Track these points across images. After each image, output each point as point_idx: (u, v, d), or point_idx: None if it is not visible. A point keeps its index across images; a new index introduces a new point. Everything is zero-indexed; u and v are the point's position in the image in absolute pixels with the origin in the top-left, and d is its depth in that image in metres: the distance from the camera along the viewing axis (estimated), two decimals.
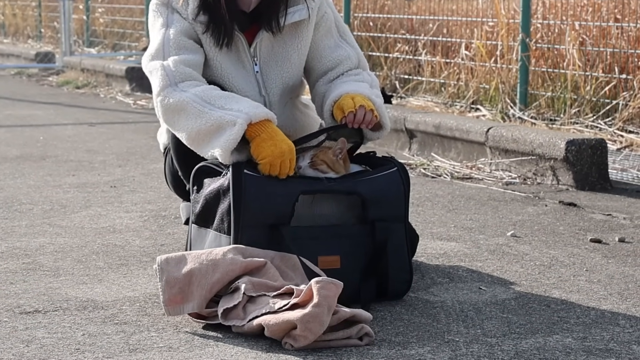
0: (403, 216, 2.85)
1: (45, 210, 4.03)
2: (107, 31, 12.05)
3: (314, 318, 2.36)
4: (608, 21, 5.89)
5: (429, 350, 2.42)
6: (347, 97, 2.94)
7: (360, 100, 2.91)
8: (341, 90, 3.00)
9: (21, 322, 2.62)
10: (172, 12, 3.00)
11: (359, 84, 3.05)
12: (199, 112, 2.81)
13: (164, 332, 2.55)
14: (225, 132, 2.77)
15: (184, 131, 2.85)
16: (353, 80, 3.08)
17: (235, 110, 2.79)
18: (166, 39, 2.96)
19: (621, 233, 3.70)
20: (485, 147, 5.09)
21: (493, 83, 6.22)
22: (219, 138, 2.77)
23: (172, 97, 2.85)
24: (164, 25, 2.99)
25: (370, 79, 3.12)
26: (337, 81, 3.09)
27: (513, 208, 4.16)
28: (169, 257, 2.63)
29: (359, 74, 3.12)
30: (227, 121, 2.77)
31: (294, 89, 3.15)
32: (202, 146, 2.83)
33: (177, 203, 4.11)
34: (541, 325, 2.63)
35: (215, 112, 2.80)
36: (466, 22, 6.83)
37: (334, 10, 3.16)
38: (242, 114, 2.78)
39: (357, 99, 2.92)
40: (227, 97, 2.86)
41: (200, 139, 2.82)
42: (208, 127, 2.79)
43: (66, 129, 6.64)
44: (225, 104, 2.82)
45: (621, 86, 5.75)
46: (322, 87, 3.11)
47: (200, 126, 2.80)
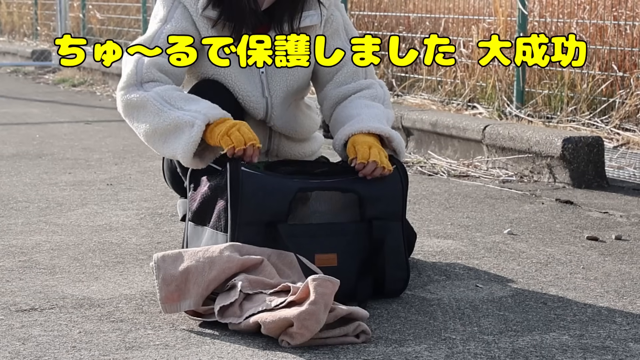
0: (400, 214, 2.84)
1: (42, 208, 4.03)
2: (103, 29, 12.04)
3: (311, 315, 2.36)
4: (605, 19, 5.90)
5: (426, 347, 2.42)
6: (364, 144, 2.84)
7: (375, 155, 2.81)
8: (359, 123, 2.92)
9: (17, 320, 2.62)
10: (176, 6, 2.97)
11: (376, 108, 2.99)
12: (157, 111, 2.81)
13: (160, 329, 2.54)
14: (184, 133, 2.76)
15: (142, 128, 2.85)
16: (368, 98, 3.03)
17: (194, 111, 2.79)
18: (159, 33, 2.94)
19: (618, 231, 3.70)
20: (482, 145, 5.09)
21: (490, 81, 6.22)
22: (178, 139, 2.77)
23: (134, 93, 2.85)
24: (164, 20, 2.97)
25: (383, 92, 3.09)
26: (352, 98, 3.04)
27: (510, 206, 4.16)
28: (166, 254, 2.62)
29: (371, 86, 3.08)
30: (185, 121, 2.77)
31: (298, 92, 3.12)
32: (159, 145, 2.83)
33: (173, 201, 4.11)
34: (538, 323, 2.63)
35: (173, 112, 2.80)
36: (463, 19, 6.82)
37: (344, 14, 3.12)
38: (200, 115, 2.77)
39: (373, 151, 2.82)
40: (187, 99, 2.85)
41: (157, 137, 2.82)
42: (165, 126, 2.79)
43: (62, 126, 6.63)
44: (184, 105, 2.82)
45: (618, 84, 5.75)
46: (333, 91, 3.07)
47: (157, 124, 2.80)
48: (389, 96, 3.14)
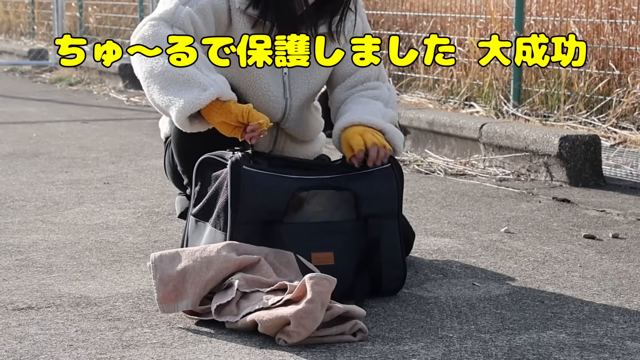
0: (396, 212, 2.84)
1: (38, 207, 4.02)
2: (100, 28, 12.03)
3: (308, 314, 2.35)
4: (602, 18, 5.90)
5: (423, 346, 2.42)
6: (355, 134, 2.84)
7: (370, 139, 2.82)
8: (351, 116, 2.92)
9: (14, 318, 2.61)
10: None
11: (373, 104, 2.98)
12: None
13: (157, 328, 2.54)
14: (192, 91, 2.71)
15: (150, 63, 2.77)
16: (369, 97, 3.02)
17: (211, 79, 2.74)
18: (178, 10, 2.86)
19: (615, 229, 3.70)
20: (479, 144, 5.09)
21: (487, 80, 6.22)
22: (182, 93, 2.72)
23: (163, 29, 2.79)
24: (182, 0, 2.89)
25: (389, 94, 3.08)
26: (353, 96, 3.04)
27: (507, 204, 4.16)
28: (163, 254, 2.62)
29: (377, 87, 3.07)
30: (199, 81, 2.72)
31: (315, 95, 3.12)
32: (155, 87, 2.76)
33: (170, 200, 4.11)
34: (535, 321, 2.63)
35: (192, 68, 2.74)
36: (460, 18, 6.82)
37: (363, 18, 3.12)
38: (216, 85, 2.73)
39: (367, 136, 2.83)
40: (208, 65, 2.80)
41: (160, 79, 2.75)
42: (177, 74, 2.73)
43: (59, 125, 6.63)
44: (203, 67, 2.77)
45: (615, 83, 5.75)
46: (342, 94, 3.07)
47: (170, 68, 2.73)
48: (395, 98, 3.12)
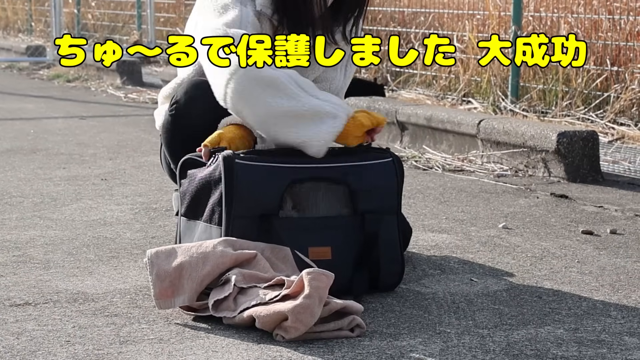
0: (395, 208, 2.84)
1: (36, 203, 4.02)
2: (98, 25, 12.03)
3: (305, 309, 2.35)
4: (600, 13, 5.90)
5: (421, 341, 2.42)
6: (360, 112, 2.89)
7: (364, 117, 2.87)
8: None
9: (11, 314, 2.61)
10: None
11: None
12: (293, 94, 2.75)
13: (154, 324, 2.54)
14: (326, 123, 2.75)
15: (266, 106, 2.75)
16: None
17: (333, 103, 2.78)
18: (245, 14, 2.86)
19: (613, 225, 3.70)
20: (477, 140, 5.09)
21: (485, 76, 6.22)
22: (316, 126, 2.74)
23: (265, 69, 2.76)
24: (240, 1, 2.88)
25: None
26: None
27: (504, 200, 4.16)
28: (159, 250, 2.62)
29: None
30: (326, 112, 2.75)
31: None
32: (284, 127, 2.76)
33: (167, 196, 4.10)
34: (532, 317, 2.63)
35: (311, 99, 2.76)
36: (458, 14, 6.82)
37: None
38: (342, 108, 2.78)
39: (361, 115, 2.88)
40: (315, 87, 2.82)
41: (287, 119, 2.75)
42: (303, 111, 2.74)
43: (57, 122, 6.62)
44: (317, 94, 2.79)
45: (613, 78, 5.75)
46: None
47: (292, 107, 2.74)
48: None
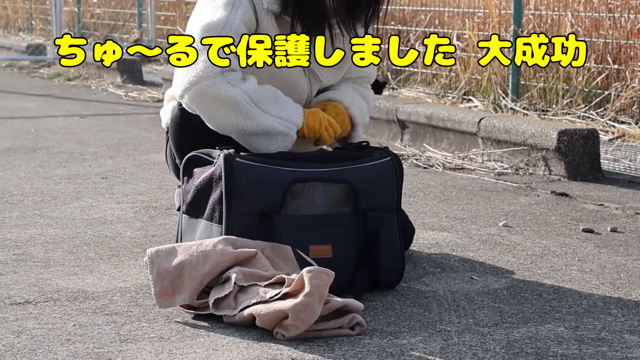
0: (395, 206, 2.84)
1: (36, 201, 4.02)
2: (99, 23, 12.02)
3: (306, 307, 2.35)
4: (600, 12, 5.89)
5: (421, 339, 2.42)
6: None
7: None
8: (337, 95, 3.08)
9: (12, 313, 2.61)
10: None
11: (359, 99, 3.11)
12: (248, 113, 2.85)
13: (155, 322, 2.54)
14: (277, 141, 2.88)
15: (220, 121, 2.87)
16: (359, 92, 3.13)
17: (284, 119, 2.87)
18: (231, 18, 2.87)
19: (613, 223, 3.70)
20: (477, 138, 5.08)
21: (485, 74, 6.21)
22: (269, 142, 2.87)
23: (223, 88, 2.83)
24: (232, 3, 2.88)
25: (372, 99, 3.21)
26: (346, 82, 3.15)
27: (505, 198, 4.16)
28: (159, 249, 2.62)
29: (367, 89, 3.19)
30: (278, 131, 2.87)
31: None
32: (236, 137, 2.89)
33: (168, 194, 4.10)
34: (533, 315, 2.63)
35: (265, 118, 2.86)
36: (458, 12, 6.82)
37: None
38: (292, 125, 2.88)
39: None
40: (272, 100, 2.88)
41: (238, 134, 2.88)
42: (257, 130, 2.87)
43: (57, 120, 6.62)
44: (272, 109, 2.87)
45: (613, 77, 5.75)
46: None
47: (245, 125, 2.86)
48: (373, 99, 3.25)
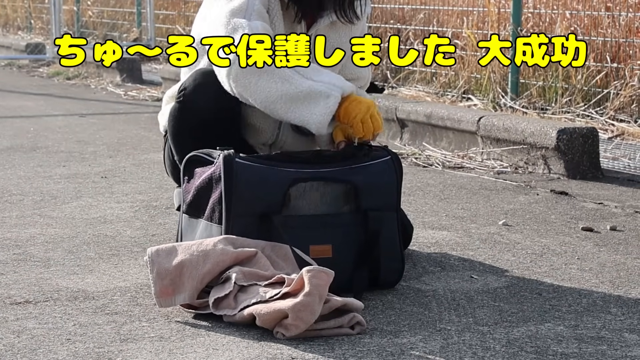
0: (395, 205, 2.84)
1: (36, 201, 4.02)
2: (98, 22, 12.02)
3: (305, 307, 2.35)
4: (599, 10, 5.89)
5: (421, 338, 2.42)
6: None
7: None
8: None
9: (12, 312, 2.61)
10: None
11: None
12: (287, 77, 2.80)
13: (155, 322, 2.54)
14: (319, 103, 2.78)
15: (264, 92, 2.81)
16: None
17: (326, 83, 2.80)
18: (251, 2, 2.88)
19: (612, 221, 3.70)
20: (477, 137, 5.09)
21: (484, 73, 6.21)
22: (311, 107, 2.79)
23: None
24: None
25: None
26: None
27: (504, 197, 4.16)
28: (159, 248, 2.62)
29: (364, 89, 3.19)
30: (319, 92, 2.79)
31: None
32: (283, 109, 2.82)
33: (168, 193, 4.11)
34: (533, 314, 2.63)
35: (304, 81, 2.80)
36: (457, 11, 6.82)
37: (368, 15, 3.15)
38: (335, 87, 2.79)
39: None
40: (313, 69, 2.85)
41: (283, 102, 2.81)
42: (297, 92, 2.79)
43: (57, 119, 6.62)
44: (312, 75, 2.82)
45: (612, 75, 5.75)
46: None
47: (286, 90, 2.80)
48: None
